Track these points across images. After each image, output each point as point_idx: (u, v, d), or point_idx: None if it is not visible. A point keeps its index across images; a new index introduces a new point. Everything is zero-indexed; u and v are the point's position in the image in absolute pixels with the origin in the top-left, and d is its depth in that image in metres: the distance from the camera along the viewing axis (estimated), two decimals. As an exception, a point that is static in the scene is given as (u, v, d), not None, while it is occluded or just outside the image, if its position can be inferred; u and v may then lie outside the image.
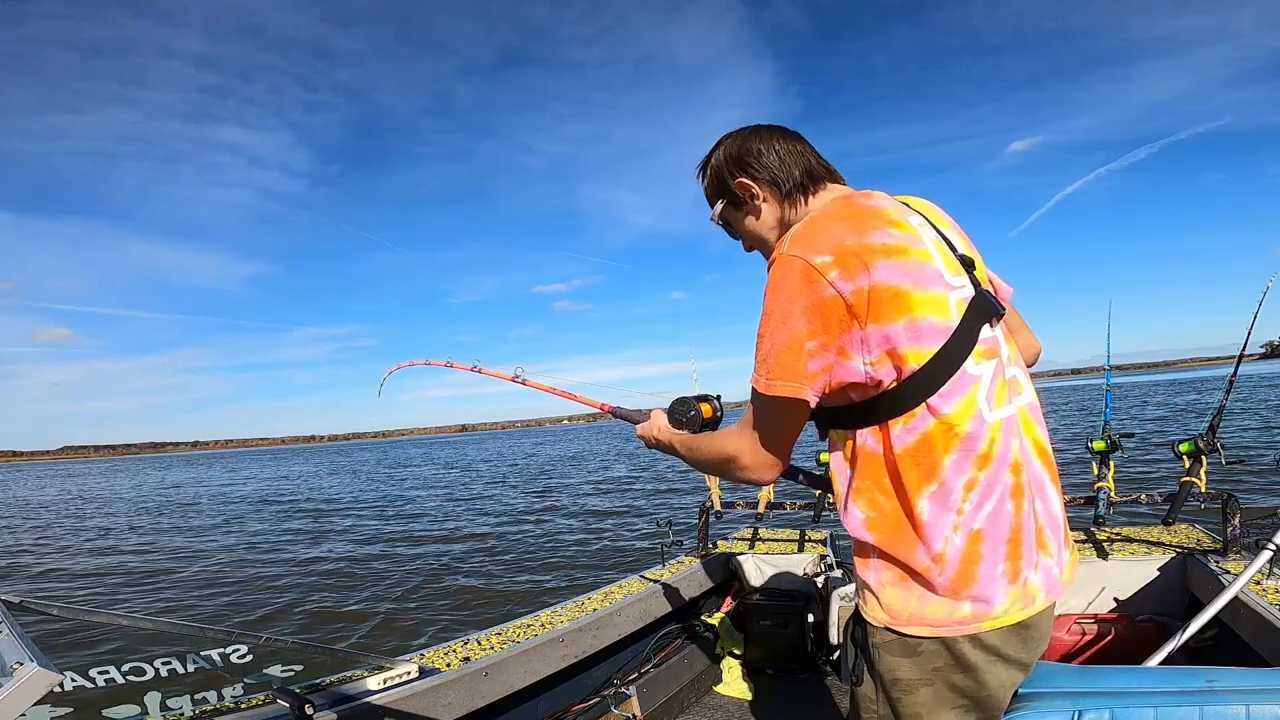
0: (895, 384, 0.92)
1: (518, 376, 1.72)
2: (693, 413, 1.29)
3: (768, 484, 1.10)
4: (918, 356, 0.90)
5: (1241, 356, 2.68)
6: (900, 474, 0.93)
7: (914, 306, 0.91)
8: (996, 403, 0.95)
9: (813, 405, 0.97)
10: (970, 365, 0.93)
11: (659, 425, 1.29)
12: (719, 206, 1.17)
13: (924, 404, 0.91)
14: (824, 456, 2.91)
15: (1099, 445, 2.79)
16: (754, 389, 0.98)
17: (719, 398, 1.37)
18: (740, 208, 1.14)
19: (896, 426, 0.93)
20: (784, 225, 1.11)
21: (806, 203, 1.10)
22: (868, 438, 0.96)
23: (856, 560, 1.02)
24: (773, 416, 0.99)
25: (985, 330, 0.97)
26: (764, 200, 1.11)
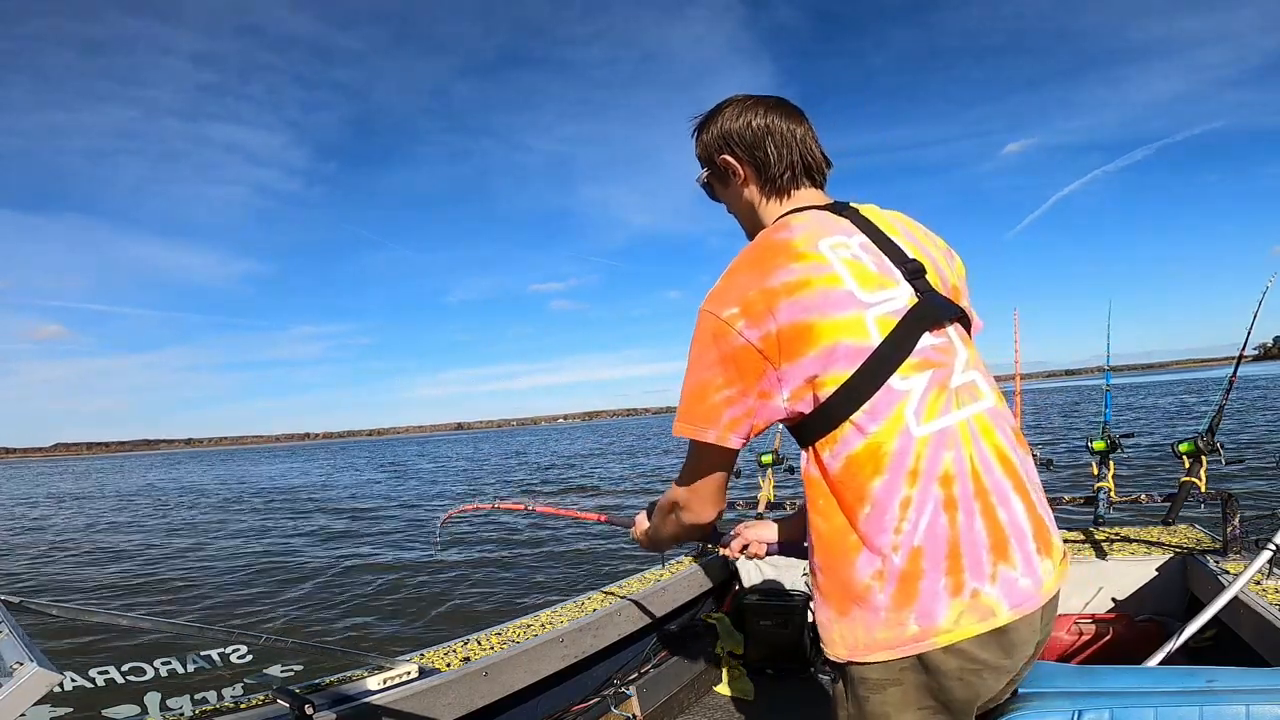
0: (813, 409, 0.94)
1: (529, 508, 2.03)
2: None
3: (707, 523, 1.14)
4: (834, 380, 0.92)
5: (1241, 357, 2.68)
6: (837, 498, 0.95)
7: (823, 335, 0.92)
8: (926, 416, 0.93)
9: (731, 447, 0.99)
10: (896, 381, 0.93)
11: (642, 528, 1.38)
12: (704, 173, 1.19)
13: (849, 423, 0.92)
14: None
15: (1099, 445, 2.78)
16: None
17: None
18: (723, 181, 1.17)
19: (825, 452, 0.95)
20: (757, 210, 1.14)
21: (780, 201, 1.12)
22: (808, 463, 0.99)
23: (816, 589, 1.02)
24: (693, 457, 1.05)
25: (926, 339, 0.96)
26: (745, 183, 1.14)
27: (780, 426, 1.11)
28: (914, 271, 1.01)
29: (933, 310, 0.98)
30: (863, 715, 0.98)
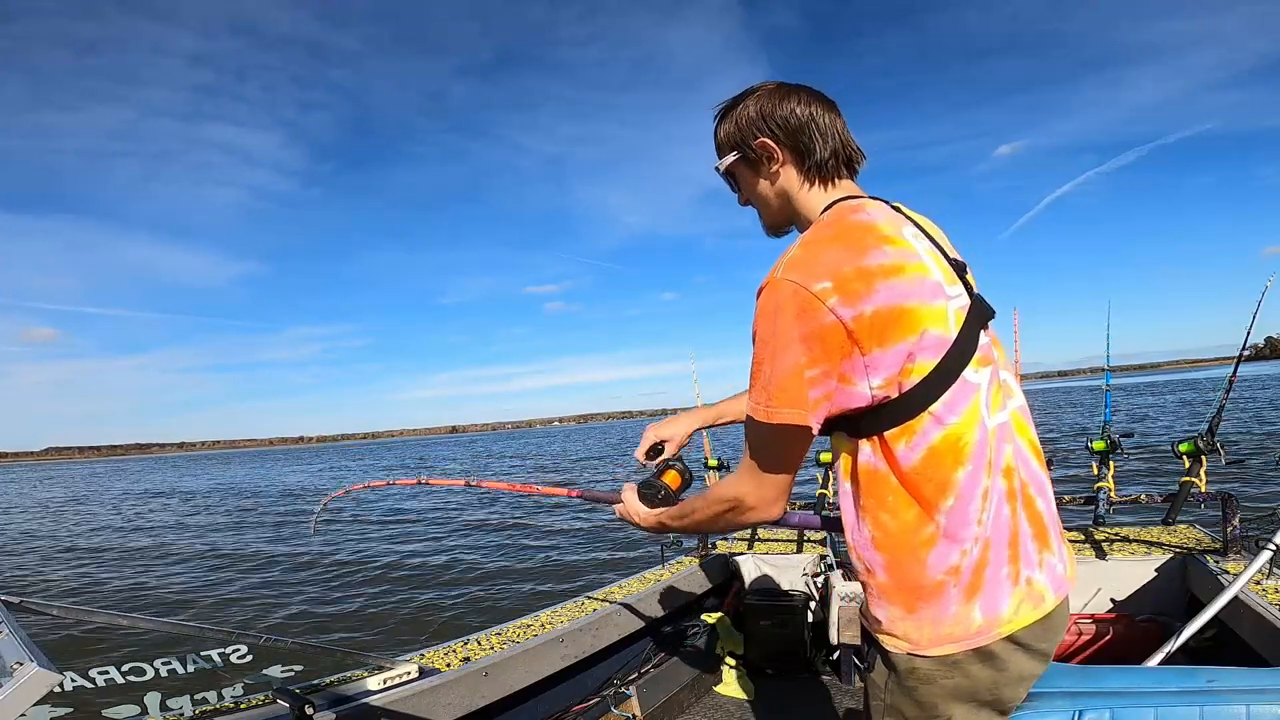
0: (897, 396, 0.91)
1: (470, 483, 1.88)
2: (663, 493, 1.27)
3: (774, 519, 1.05)
4: (920, 370, 0.90)
5: (1240, 357, 2.68)
6: (913, 492, 0.92)
7: (918, 322, 0.90)
8: (993, 409, 0.96)
9: (815, 433, 0.95)
10: (970, 373, 0.93)
11: (638, 511, 1.27)
12: (730, 158, 1.10)
13: (928, 414, 0.91)
14: (824, 456, 2.91)
15: (1099, 445, 2.78)
16: (752, 419, 0.95)
17: (680, 459, 1.34)
18: (755, 168, 1.08)
19: (899, 445, 0.92)
20: (794, 199, 1.07)
21: (824, 188, 1.06)
22: (872, 458, 0.95)
23: (865, 592, 1.01)
24: (775, 445, 0.96)
25: (982, 336, 0.98)
26: (784, 165, 1.06)
27: None
28: (960, 269, 1.03)
29: (985, 309, 1.01)
30: (909, 705, 0.97)
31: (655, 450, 1.35)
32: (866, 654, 1.03)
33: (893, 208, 1.05)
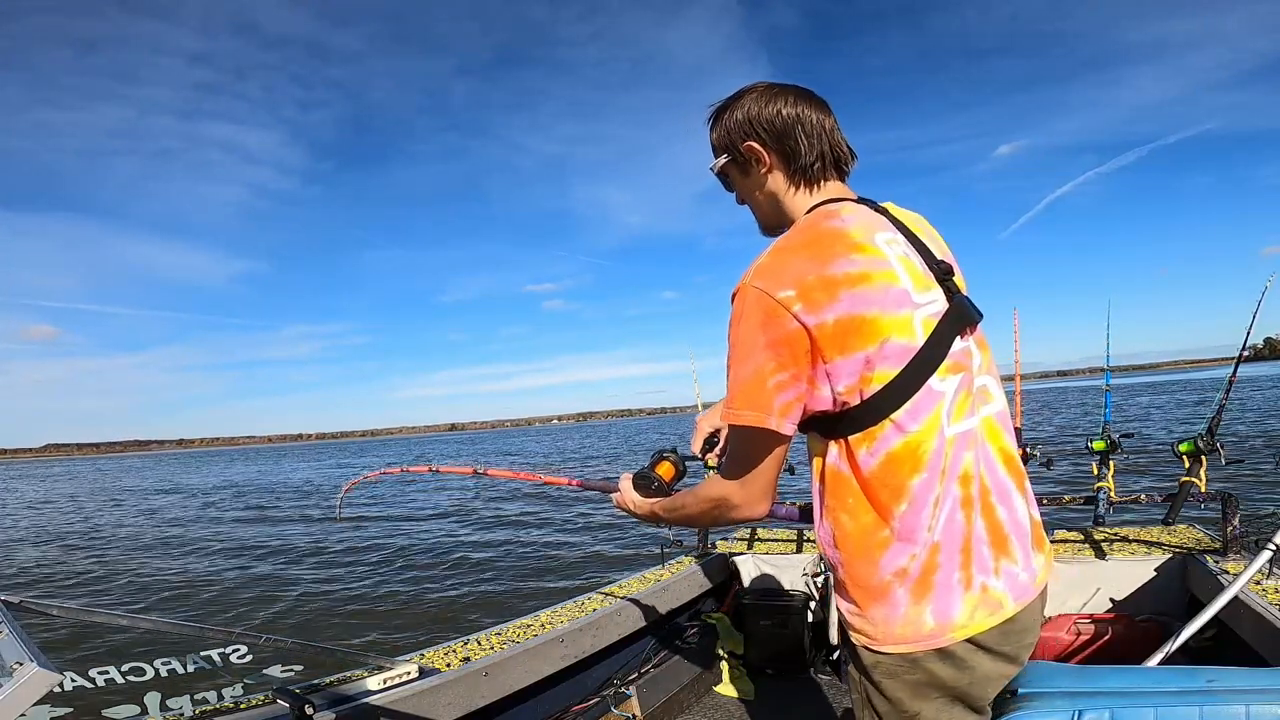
0: (859, 403, 0.93)
1: (478, 471, 1.90)
2: (656, 484, 1.30)
3: (760, 518, 1.08)
4: (882, 378, 0.91)
5: (1240, 357, 2.68)
6: (870, 495, 0.95)
7: (879, 331, 0.91)
8: (955, 417, 0.96)
9: (786, 434, 0.96)
10: (935, 382, 0.94)
11: (633, 499, 1.30)
12: (722, 160, 1.12)
13: (889, 421, 0.92)
14: None
15: (1099, 445, 2.78)
16: (728, 425, 0.99)
17: (674, 450, 1.37)
18: (744, 170, 1.10)
19: (861, 450, 0.94)
20: (782, 201, 1.09)
21: (810, 191, 1.07)
22: (837, 460, 0.97)
23: (835, 584, 1.04)
24: (747, 448, 0.99)
25: (957, 342, 0.97)
26: (770, 170, 1.08)
27: None
28: (945, 272, 1.02)
29: (965, 314, 1.00)
30: (879, 700, 1.00)
31: (710, 441, 1.36)
32: (842, 650, 1.06)
33: (878, 209, 1.05)
